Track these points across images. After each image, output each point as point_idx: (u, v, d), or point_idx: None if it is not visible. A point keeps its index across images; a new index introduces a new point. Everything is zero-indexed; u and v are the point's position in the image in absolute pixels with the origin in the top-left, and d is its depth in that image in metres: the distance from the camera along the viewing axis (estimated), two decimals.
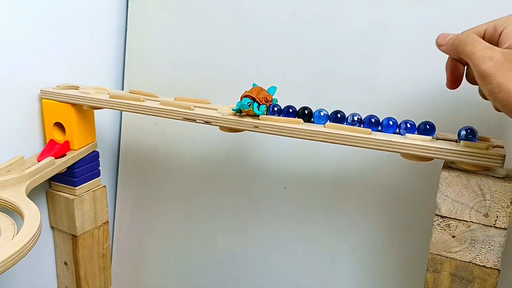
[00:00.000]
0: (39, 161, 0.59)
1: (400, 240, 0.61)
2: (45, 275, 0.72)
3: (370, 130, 0.46)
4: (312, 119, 0.50)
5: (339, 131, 0.46)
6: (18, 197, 0.50)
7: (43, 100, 0.63)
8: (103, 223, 0.71)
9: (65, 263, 0.70)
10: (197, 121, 0.53)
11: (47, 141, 0.64)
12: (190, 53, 0.70)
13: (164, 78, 0.72)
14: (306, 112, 0.49)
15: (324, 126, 0.48)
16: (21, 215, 0.47)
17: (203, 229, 0.74)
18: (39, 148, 0.65)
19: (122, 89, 0.77)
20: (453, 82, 0.44)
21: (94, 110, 0.64)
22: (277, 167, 0.65)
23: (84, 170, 0.66)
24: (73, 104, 0.61)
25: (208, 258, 0.74)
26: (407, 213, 0.60)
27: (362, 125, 0.47)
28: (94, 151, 0.67)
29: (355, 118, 0.47)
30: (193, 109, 0.54)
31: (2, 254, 0.39)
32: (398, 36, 0.57)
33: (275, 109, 0.51)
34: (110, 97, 0.58)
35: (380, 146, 0.45)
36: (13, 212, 0.50)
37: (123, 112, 0.77)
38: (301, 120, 0.49)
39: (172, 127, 0.73)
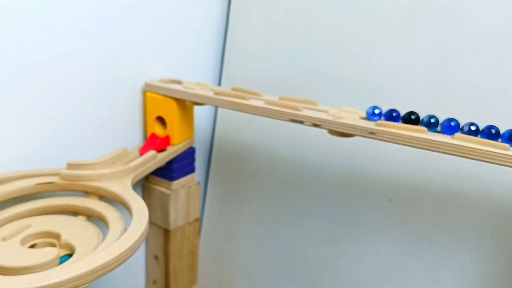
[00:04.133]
0: (141, 154, 0.60)
1: None
2: (135, 267, 0.73)
3: (508, 145, 0.40)
4: (437, 129, 0.45)
5: (472, 145, 0.41)
6: (124, 190, 0.50)
7: (146, 94, 0.63)
8: (195, 220, 0.71)
9: (156, 257, 0.71)
10: (305, 123, 0.51)
11: (148, 135, 0.64)
12: (293, 51, 0.67)
13: (263, 75, 0.70)
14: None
15: (452, 138, 0.43)
16: (128, 209, 0.47)
17: (293, 235, 0.71)
18: (139, 141, 0.66)
19: (219, 85, 0.76)
20: None
21: (194, 106, 0.64)
22: (381, 176, 0.61)
23: (181, 165, 0.65)
24: (176, 99, 0.61)
25: (296, 265, 0.71)
26: None
27: (499, 139, 0.42)
28: (191, 147, 0.67)
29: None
30: (301, 111, 0.51)
31: (116, 250, 0.38)
32: None
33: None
34: (214, 94, 0.57)
35: None
36: (116, 203, 0.50)
37: (218, 108, 0.77)
38: (425, 128, 0.44)
39: (267, 126, 0.71)
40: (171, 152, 0.62)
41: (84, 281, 0.36)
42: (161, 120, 0.63)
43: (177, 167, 0.65)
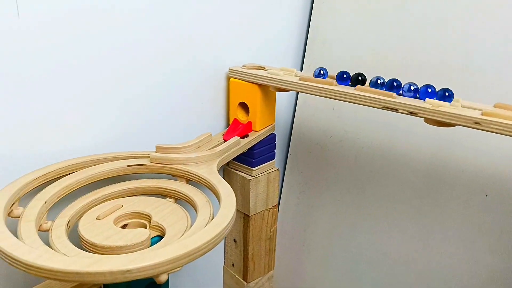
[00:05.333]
0: (225, 140, 0.60)
1: None
2: (214, 249, 0.74)
3: None
4: None
5: None
6: (211, 174, 0.50)
7: (230, 79, 0.63)
8: (273, 206, 0.70)
9: (235, 241, 0.71)
10: (400, 111, 0.47)
11: (231, 120, 0.64)
12: (380, 37, 0.63)
13: (348, 62, 0.67)
14: None
15: None
16: (216, 194, 0.47)
17: (375, 228, 0.68)
18: (222, 126, 0.67)
19: (301, 71, 0.74)
20: None
21: (276, 92, 0.63)
22: (479, 170, 0.56)
23: (262, 151, 0.65)
24: (259, 85, 0.60)
25: (377, 258, 0.69)
26: None
27: None
28: (272, 133, 0.66)
29: None
30: (396, 97, 0.48)
31: (208, 234, 0.38)
32: None
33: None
34: (299, 80, 0.55)
35: None
36: (202, 187, 0.51)
37: (299, 94, 0.75)
38: None
39: (351, 113, 0.68)
40: (253, 138, 0.62)
41: (177, 265, 0.36)
42: (243, 106, 0.63)
43: (258, 153, 0.64)
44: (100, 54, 0.50)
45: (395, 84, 0.49)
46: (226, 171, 0.68)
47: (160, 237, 0.44)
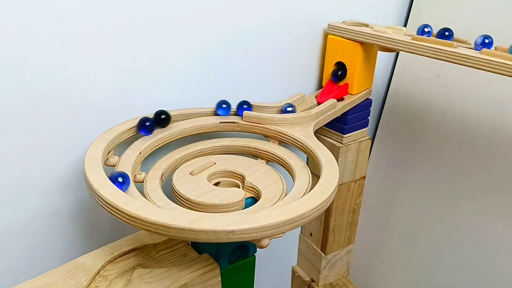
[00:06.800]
0: (319, 102, 0.56)
1: None
2: None
3: None
4: None
5: None
6: (308, 138, 0.46)
7: (329, 36, 0.58)
8: (360, 178, 0.66)
9: None
10: None
11: (324, 81, 0.60)
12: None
13: (458, 23, 0.59)
14: None
15: None
16: (314, 158, 0.43)
17: (472, 210, 0.62)
18: (313, 87, 0.62)
19: None
20: None
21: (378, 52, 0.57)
22: None
23: (355, 117, 0.60)
24: (361, 43, 0.54)
25: (472, 245, 0.63)
26: None
27: None
28: (367, 98, 0.61)
29: None
30: None
31: (313, 201, 0.35)
32: None
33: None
34: (412, 39, 0.49)
35: None
36: (296, 150, 0.47)
37: (398, 59, 0.68)
38: None
39: (459, 82, 0.61)
40: (349, 102, 0.57)
41: (280, 230, 0.33)
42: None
43: (352, 119, 0.60)
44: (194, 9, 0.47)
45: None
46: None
47: (254, 199, 0.42)
